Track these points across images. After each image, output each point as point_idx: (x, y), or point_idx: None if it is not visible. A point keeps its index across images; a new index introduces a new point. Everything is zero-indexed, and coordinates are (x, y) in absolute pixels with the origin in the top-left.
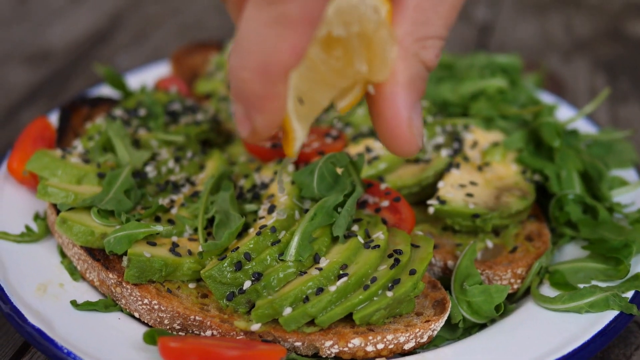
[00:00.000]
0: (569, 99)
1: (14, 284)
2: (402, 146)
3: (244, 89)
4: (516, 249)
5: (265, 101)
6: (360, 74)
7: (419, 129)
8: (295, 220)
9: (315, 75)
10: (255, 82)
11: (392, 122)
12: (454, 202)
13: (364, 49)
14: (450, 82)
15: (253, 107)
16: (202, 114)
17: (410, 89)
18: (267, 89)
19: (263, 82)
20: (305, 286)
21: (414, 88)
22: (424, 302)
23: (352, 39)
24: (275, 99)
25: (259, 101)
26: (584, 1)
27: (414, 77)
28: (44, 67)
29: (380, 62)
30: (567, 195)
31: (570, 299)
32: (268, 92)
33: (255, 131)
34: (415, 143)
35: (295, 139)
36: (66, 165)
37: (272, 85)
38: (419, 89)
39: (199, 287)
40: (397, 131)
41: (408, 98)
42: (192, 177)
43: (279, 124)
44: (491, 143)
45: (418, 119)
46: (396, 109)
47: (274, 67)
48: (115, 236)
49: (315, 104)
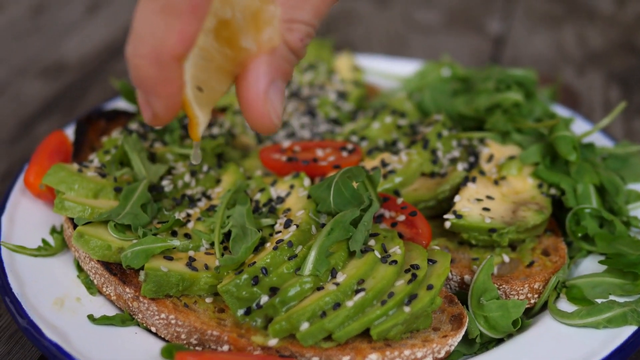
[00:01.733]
0: (584, 112)
1: (30, 298)
2: (257, 121)
3: (140, 75)
4: (533, 264)
5: (160, 87)
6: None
7: (275, 107)
8: (312, 235)
9: (210, 64)
10: (149, 68)
11: (249, 96)
12: (470, 216)
13: (252, 28)
14: (466, 95)
15: (150, 92)
16: (218, 127)
17: (270, 67)
18: (161, 75)
19: (156, 69)
20: (322, 301)
21: (274, 66)
22: (441, 317)
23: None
24: (169, 85)
25: (154, 87)
26: (597, 13)
27: (276, 57)
28: (59, 80)
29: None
30: (583, 209)
31: (588, 314)
32: (162, 78)
33: (156, 115)
34: (270, 119)
35: (197, 124)
36: (83, 179)
37: (164, 71)
38: (279, 69)
39: (215, 302)
40: (253, 105)
41: (266, 75)
42: (208, 191)
43: (176, 108)
44: (507, 157)
45: (276, 98)
46: (253, 84)
47: (165, 53)
48: (132, 250)
49: (214, 91)
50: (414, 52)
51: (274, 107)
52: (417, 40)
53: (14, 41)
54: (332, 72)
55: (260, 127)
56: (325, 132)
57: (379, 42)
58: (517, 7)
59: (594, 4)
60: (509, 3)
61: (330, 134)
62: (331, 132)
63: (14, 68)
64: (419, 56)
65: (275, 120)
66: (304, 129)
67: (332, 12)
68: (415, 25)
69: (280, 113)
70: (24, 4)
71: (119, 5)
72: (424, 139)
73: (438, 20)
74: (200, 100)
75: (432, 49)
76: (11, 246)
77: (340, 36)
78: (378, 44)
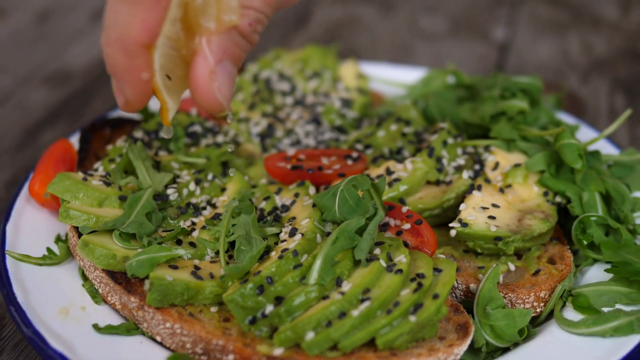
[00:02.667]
0: (589, 119)
1: (35, 307)
2: (202, 99)
3: (110, 63)
4: (539, 272)
5: (128, 74)
6: (208, 33)
7: (222, 88)
8: (317, 244)
9: (178, 53)
10: (118, 56)
11: (196, 74)
12: (476, 224)
13: (214, 8)
14: (471, 103)
15: (120, 79)
16: (223, 135)
17: (219, 47)
18: (129, 63)
19: (124, 56)
20: (327, 310)
21: (222, 47)
22: (447, 326)
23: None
24: (137, 71)
25: (123, 73)
26: (601, 20)
27: (225, 38)
28: (63, 88)
29: (227, 18)
30: (589, 217)
31: (595, 323)
32: (130, 66)
33: (127, 101)
34: (215, 98)
35: (167, 110)
36: (88, 188)
37: (131, 59)
38: (227, 50)
39: (220, 311)
40: (199, 83)
41: (214, 54)
42: (213, 199)
43: (146, 94)
44: (512, 165)
45: (224, 78)
46: (201, 62)
47: (130, 41)
48: (137, 259)
49: (182, 79)
50: (419, 59)
51: (221, 87)
52: (421, 48)
53: (19, 49)
54: (336, 79)
55: (207, 106)
56: (330, 140)
57: (384, 49)
58: (521, 14)
59: (598, 11)
60: (514, 10)
61: (335, 141)
62: (336, 140)
63: (18, 76)
64: (423, 63)
65: (221, 100)
66: (308, 137)
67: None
68: (420, 33)
69: (228, 94)
70: (28, 11)
71: None
72: (429, 146)
73: (443, 28)
74: (169, 88)
75: (436, 56)
76: (16, 255)
77: (345, 43)
78: (383, 51)
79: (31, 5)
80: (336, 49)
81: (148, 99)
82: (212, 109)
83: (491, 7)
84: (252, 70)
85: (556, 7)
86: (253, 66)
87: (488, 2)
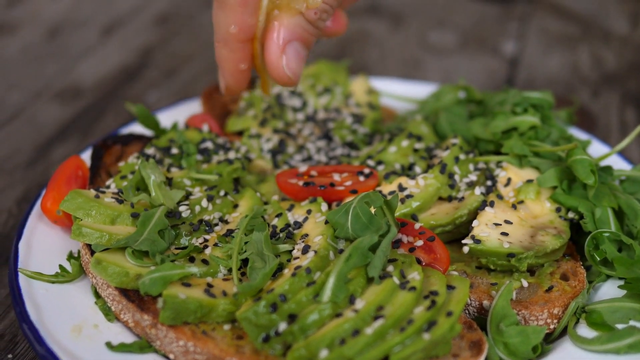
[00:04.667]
0: (600, 134)
1: (48, 325)
2: (273, 72)
3: (217, 55)
4: (552, 288)
5: (229, 64)
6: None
7: (290, 64)
8: (330, 261)
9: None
10: (222, 50)
11: (267, 50)
12: (488, 241)
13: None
14: (482, 118)
15: (223, 68)
16: (234, 152)
17: (287, 29)
18: (230, 55)
19: (227, 50)
20: (341, 328)
21: (291, 29)
22: (460, 343)
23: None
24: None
25: (226, 63)
26: (611, 34)
27: (294, 22)
28: (74, 104)
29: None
30: (602, 233)
31: (609, 340)
32: (230, 58)
33: (228, 86)
34: (283, 72)
35: (267, 82)
36: (100, 205)
37: (232, 52)
38: (296, 33)
39: (233, 329)
40: (271, 57)
41: (284, 35)
42: (226, 216)
43: (243, 81)
44: (525, 181)
45: (293, 56)
46: (274, 39)
47: (230, 39)
48: (150, 277)
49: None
50: (429, 74)
51: (290, 63)
52: (431, 62)
53: (29, 65)
54: (347, 95)
55: (277, 79)
56: (341, 156)
57: (394, 64)
58: (531, 28)
59: (608, 25)
60: (523, 24)
61: (346, 157)
62: (347, 156)
63: (29, 92)
64: (433, 78)
65: (289, 74)
66: (320, 153)
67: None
68: (430, 47)
69: (296, 70)
70: (39, 27)
71: (134, 28)
72: (441, 162)
73: (452, 42)
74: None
75: (446, 71)
76: (29, 272)
77: (355, 59)
78: (393, 66)
79: (41, 21)
80: (347, 65)
81: (245, 85)
82: (281, 81)
83: (500, 21)
84: None
85: (566, 21)
86: None
87: (497, 16)
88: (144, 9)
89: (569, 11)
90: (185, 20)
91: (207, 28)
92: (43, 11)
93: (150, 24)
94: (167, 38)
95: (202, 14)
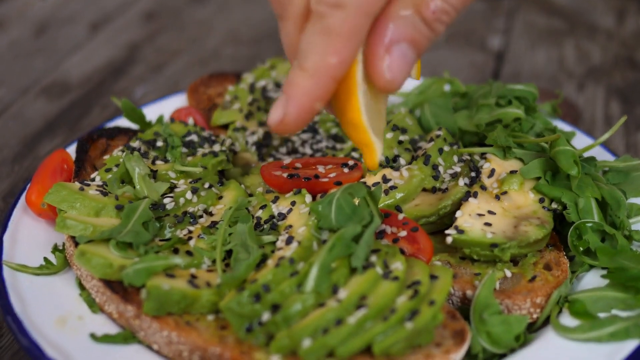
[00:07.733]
0: (584, 126)
1: (32, 317)
2: (371, 75)
3: (292, 82)
4: (535, 278)
5: (304, 96)
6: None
7: (393, 67)
8: (313, 251)
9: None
10: (303, 79)
11: (369, 50)
12: (472, 231)
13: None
14: (466, 111)
15: (292, 98)
16: (219, 144)
17: (397, 28)
18: (312, 87)
19: (310, 81)
20: (324, 318)
21: (400, 29)
22: (443, 332)
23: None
24: (314, 99)
25: (300, 95)
26: (597, 28)
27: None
28: (61, 99)
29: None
30: (585, 223)
31: (591, 328)
32: (310, 90)
33: (283, 120)
34: (382, 76)
35: (374, 151)
36: (84, 197)
37: (316, 85)
38: (406, 34)
39: (217, 319)
40: (370, 59)
41: (392, 32)
42: (210, 207)
43: (304, 122)
44: (508, 172)
45: (396, 59)
46: (378, 38)
47: (323, 71)
48: (134, 268)
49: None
50: None
51: (392, 66)
52: None
53: (17, 60)
54: None
55: (375, 82)
56: (326, 148)
57: None
58: (517, 22)
59: (594, 20)
60: (510, 19)
61: (331, 150)
62: (332, 149)
63: (16, 87)
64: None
65: (388, 77)
66: (304, 146)
67: None
68: None
69: (398, 75)
70: (26, 23)
71: (121, 24)
72: (425, 154)
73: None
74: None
75: (432, 65)
76: (13, 265)
77: None
78: None
79: (29, 17)
80: None
81: (301, 128)
82: (378, 85)
83: (487, 16)
84: (249, 80)
85: (552, 16)
86: (249, 75)
87: (484, 11)
88: (131, 5)
89: (555, 6)
90: (172, 16)
91: (193, 24)
92: (31, 7)
93: (138, 20)
94: (154, 34)
95: (189, 10)
